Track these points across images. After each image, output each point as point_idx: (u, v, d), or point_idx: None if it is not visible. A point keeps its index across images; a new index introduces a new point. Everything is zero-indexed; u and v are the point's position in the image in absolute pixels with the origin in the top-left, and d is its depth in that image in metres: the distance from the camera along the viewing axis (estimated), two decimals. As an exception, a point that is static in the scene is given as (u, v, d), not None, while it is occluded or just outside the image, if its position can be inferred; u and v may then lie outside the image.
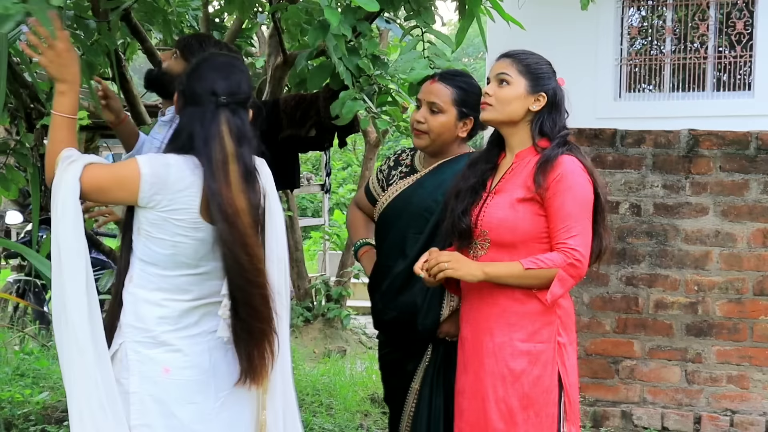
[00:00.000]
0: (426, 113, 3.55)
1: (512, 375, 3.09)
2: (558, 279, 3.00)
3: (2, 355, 6.99)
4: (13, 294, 8.79)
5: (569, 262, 3.01)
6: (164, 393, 2.77)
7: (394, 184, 3.70)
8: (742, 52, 7.93)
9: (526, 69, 3.20)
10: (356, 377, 7.32)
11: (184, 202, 2.72)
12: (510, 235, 3.11)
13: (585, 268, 3.05)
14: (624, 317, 5.53)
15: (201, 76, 2.82)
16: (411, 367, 3.61)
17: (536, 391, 3.07)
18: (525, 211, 3.10)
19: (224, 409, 2.82)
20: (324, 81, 4.14)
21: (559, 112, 3.20)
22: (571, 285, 3.05)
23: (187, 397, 2.78)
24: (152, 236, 2.76)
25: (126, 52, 5.51)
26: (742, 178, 5.41)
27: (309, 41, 3.74)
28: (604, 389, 5.53)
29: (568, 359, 3.12)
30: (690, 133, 5.49)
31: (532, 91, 3.17)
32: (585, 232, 3.06)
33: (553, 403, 3.07)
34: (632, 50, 8.34)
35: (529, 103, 3.17)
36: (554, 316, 3.09)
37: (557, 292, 3.01)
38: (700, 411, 5.43)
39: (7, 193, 4.77)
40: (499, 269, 3.09)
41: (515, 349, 3.09)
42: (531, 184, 3.09)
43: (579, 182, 3.07)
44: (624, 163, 5.54)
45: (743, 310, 5.39)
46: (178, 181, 2.71)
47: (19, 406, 5.60)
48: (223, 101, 2.78)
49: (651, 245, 5.49)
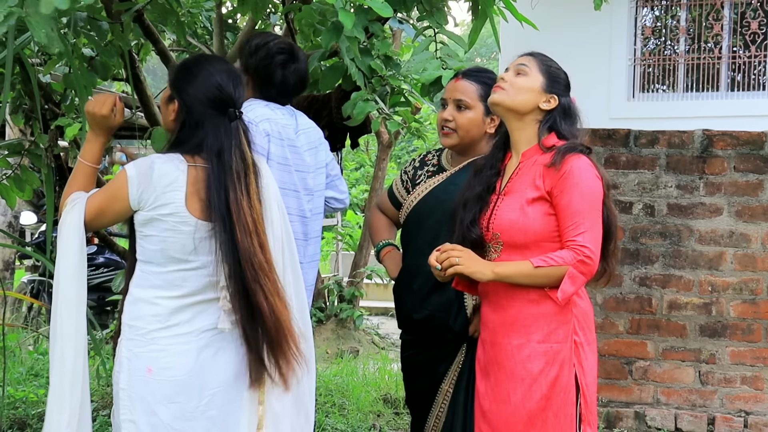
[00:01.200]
0: (453, 111, 3.56)
1: (530, 377, 3.08)
2: (569, 276, 2.99)
3: (16, 355, 7.02)
4: (27, 294, 8.83)
5: (579, 259, 2.99)
6: (147, 392, 2.85)
7: (422, 183, 3.69)
8: (757, 51, 7.90)
9: (546, 69, 3.22)
10: (369, 378, 7.32)
11: (169, 197, 2.82)
12: (522, 237, 3.10)
13: (596, 265, 3.03)
14: (637, 318, 5.52)
15: (205, 83, 2.92)
16: (443, 368, 3.58)
17: (554, 391, 3.06)
18: (535, 211, 3.09)
19: (213, 407, 2.87)
20: (336, 82, 4.14)
21: (571, 119, 3.20)
22: (582, 282, 3.03)
23: (168, 396, 2.85)
24: (144, 235, 2.86)
25: (140, 53, 5.53)
26: (756, 179, 5.39)
27: (322, 43, 3.74)
28: (617, 390, 5.51)
29: (585, 359, 3.10)
30: (704, 133, 5.48)
31: (547, 89, 3.18)
32: (594, 228, 3.04)
33: (571, 403, 3.06)
34: (646, 50, 8.32)
35: (541, 100, 3.18)
36: (570, 315, 3.08)
37: (568, 289, 3.00)
38: (713, 412, 5.41)
39: (22, 194, 4.80)
40: (508, 269, 3.08)
41: (533, 351, 3.08)
42: (540, 182, 3.09)
43: (586, 178, 3.05)
44: (638, 163, 5.53)
45: (757, 310, 5.37)
46: (161, 177, 2.81)
47: (33, 406, 5.63)
48: (237, 114, 2.91)
49: (665, 246, 5.48)
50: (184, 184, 2.82)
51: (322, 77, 4.20)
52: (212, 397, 2.87)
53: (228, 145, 2.83)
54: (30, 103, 4.98)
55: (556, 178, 3.06)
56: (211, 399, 2.87)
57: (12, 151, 4.79)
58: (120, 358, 2.90)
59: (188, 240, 2.81)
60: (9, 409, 5.58)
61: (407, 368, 3.80)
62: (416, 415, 3.74)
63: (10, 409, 5.58)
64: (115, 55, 4.37)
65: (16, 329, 7.78)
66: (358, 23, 3.54)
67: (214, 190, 2.79)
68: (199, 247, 2.82)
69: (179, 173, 2.82)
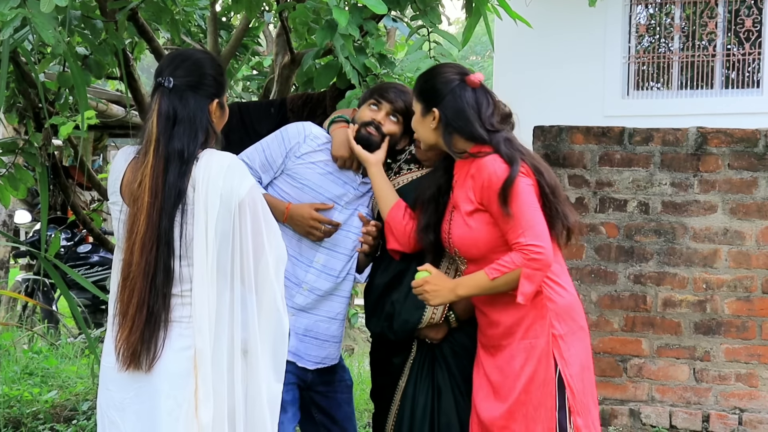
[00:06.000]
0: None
1: (513, 373, 3.16)
2: (524, 277, 3.05)
3: (11, 353, 7.02)
4: (22, 293, 8.82)
5: (528, 258, 3.04)
6: (100, 376, 2.90)
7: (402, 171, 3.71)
8: (751, 49, 7.91)
9: (417, 93, 3.32)
10: (364, 375, 7.32)
11: (114, 185, 2.84)
12: (475, 250, 3.21)
13: (547, 256, 3.06)
14: (632, 315, 5.52)
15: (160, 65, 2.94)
16: (398, 360, 3.61)
17: (533, 385, 3.13)
18: (477, 222, 3.17)
19: (138, 401, 2.79)
20: (331, 80, 4.15)
21: (461, 119, 3.21)
22: (539, 277, 3.08)
23: (105, 383, 2.86)
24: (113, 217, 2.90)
25: (134, 52, 5.52)
26: (750, 176, 5.40)
27: (317, 41, 3.75)
28: (612, 387, 5.52)
29: (567, 350, 3.14)
30: (698, 130, 5.48)
31: (424, 112, 3.27)
32: (533, 223, 3.07)
33: (550, 396, 3.10)
34: (640, 48, 8.34)
35: (429, 123, 3.25)
36: (545, 310, 3.14)
37: (527, 289, 3.06)
38: (708, 409, 5.42)
39: (16, 193, 4.80)
40: (469, 285, 3.18)
41: (515, 348, 3.16)
42: (471, 195, 3.18)
43: (501, 177, 3.08)
44: (632, 161, 5.53)
45: (752, 308, 5.37)
46: (114, 166, 2.86)
47: (27, 405, 5.62)
48: (159, 81, 2.83)
49: (659, 243, 5.48)
50: (123, 170, 2.88)
51: (316, 75, 4.21)
52: (139, 391, 2.77)
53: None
54: (24, 102, 4.98)
55: (478, 189, 3.14)
56: (137, 393, 2.77)
57: (6, 150, 4.79)
58: None
59: (123, 227, 2.81)
60: (4, 408, 5.57)
61: (371, 363, 3.88)
62: (379, 408, 3.78)
63: (4, 408, 5.58)
64: (109, 54, 4.37)
65: (10, 328, 7.77)
66: (353, 21, 3.55)
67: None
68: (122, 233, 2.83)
69: (123, 163, 2.88)
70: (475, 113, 3.19)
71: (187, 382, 2.74)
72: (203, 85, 2.87)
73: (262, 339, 2.84)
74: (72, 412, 5.54)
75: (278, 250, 2.90)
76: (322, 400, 3.76)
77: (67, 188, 5.67)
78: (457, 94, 3.21)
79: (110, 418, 2.83)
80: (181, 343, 2.76)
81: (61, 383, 6.21)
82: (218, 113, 2.93)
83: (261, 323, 2.84)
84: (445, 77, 3.26)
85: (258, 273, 2.83)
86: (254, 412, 2.83)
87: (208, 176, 2.77)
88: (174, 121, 2.79)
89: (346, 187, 3.62)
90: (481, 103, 3.21)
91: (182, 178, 2.75)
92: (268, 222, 2.87)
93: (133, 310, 2.73)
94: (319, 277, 3.60)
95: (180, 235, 2.75)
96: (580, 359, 3.19)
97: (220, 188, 2.76)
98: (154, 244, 2.72)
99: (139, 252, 2.72)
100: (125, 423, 2.79)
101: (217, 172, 2.78)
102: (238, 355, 2.81)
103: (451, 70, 3.30)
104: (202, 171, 2.77)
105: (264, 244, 2.84)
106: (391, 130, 3.56)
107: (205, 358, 2.74)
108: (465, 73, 3.27)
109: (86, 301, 8.67)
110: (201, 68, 2.89)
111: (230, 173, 2.80)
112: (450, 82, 3.23)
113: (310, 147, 3.61)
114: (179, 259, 2.76)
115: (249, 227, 2.81)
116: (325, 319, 3.65)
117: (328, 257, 3.61)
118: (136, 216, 2.74)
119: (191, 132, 2.79)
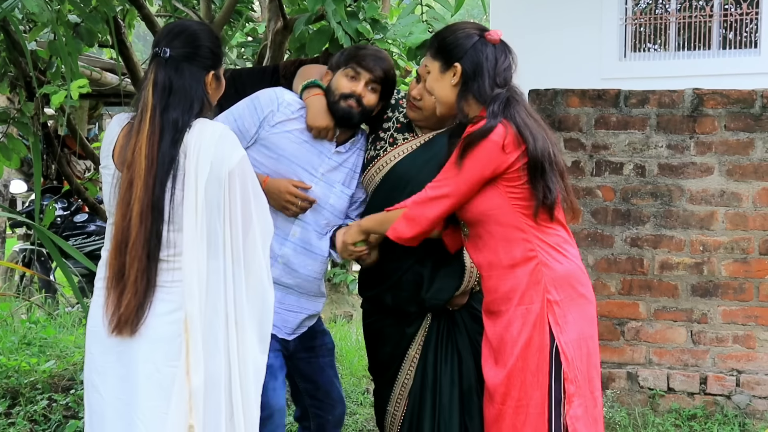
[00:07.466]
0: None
1: (512, 339, 3.15)
2: (402, 216, 3.22)
3: (9, 324, 7.02)
4: (19, 263, 8.82)
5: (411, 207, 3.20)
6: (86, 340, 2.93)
7: (397, 144, 3.64)
8: (749, 9, 7.86)
9: (437, 48, 3.28)
10: (362, 342, 7.32)
11: (107, 150, 2.86)
12: (468, 213, 3.22)
13: (417, 219, 3.19)
14: (629, 279, 5.52)
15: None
16: (408, 335, 3.58)
17: (529, 351, 3.13)
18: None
19: (119, 365, 2.80)
20: (323, 45, 4.12)
21: (481, 77, 3.18)
22: (416, 227, 3.20)
23: (88, 346, 2.88)
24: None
25: (125, 19, 5.48)
26: (747, 137, 5.37)
27: (309, 6, 3.72)
28: (609, 351, 5.52)
29: (563, 316, 3.12)
30: (694, 92, 5.45)
31: (443, 68, 3.23)
32: (439, 190, 3.15)
33: (544, 362, 3.10)
34: (637, 9, 8.27)
35: (449, 80, 3.21)
36: (540, 275, 3.13)
37: (401, 229, 3.22)
38: (706, 371, 5.43)
39: (9, 163, 4.78)
40: (370, 218, 3.40)
41: (512, 315, 3.16)
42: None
43: (482, 146, 3.08)
44: (628, 123, 5.50)
45: (749, 269, 5.37)
46: (108, 132, 2.88)
47: (25, 375, 5.62)
48: (155, 52, 2.85)
49: (656, 206, 5.47)
50: (116, 136, 2.89)
51: (309, 41, 4.18)
52: (120, 354, 2.79)
53: None
54: (15, 71, 4.94)
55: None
56: (119, 356, 2.79)
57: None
58: None
59: (114, 192, 2.82)
60: (2, 378, 5.57)
61: (371, 336, 3.78)
62: (380, 383, 3.74)
63: (2, 378, 5.58)
64: (100, 22, 4.34)
65: (8, 298, 7.77)
66: (344, -15, 3.51)
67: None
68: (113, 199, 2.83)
69: (117, 129, 2.90)
70: (492, 70, 3.18)
71: (170, 348, 2.75)
72: (199, 56, 2.88)
73: (249, 311, 2.85)
74: (70, 381, 5.53)
75: (265, 223, 2.90)
76: (305, 367, 3.75)
77: (61, 158, 5.64)
78: (479, 48, 3.19)
79: (92, 382, 2.85)
80: (162, 308, 2.77)
81: (59, 353, 6.20)
82: (214, 85, 2.94)
83: (249, 296, 2.84)
84: (466, 32, 3.24)
85: (246, 246, 2.84)
86: (242, 383, 2.84)
87: (200, 144, 2.78)
88: (170, 91, 2.81)
89: (321, 157, 3.56)
90: (499, 59, 3.20)
91: (174, 145, 2.77)
92: (257, 194, 2.87)
93: (134, 276, 2.73)
94: (295, 251, 3.57)
95: (170, 200, 2.76)
96: (579, 326, 3.16)
97: (211, 156, 2.77)
98: (150, 212, 2.74)
99: (137, 219, 2.73)
100: (105, 386, 2.82)
101: (209, 140, 2.79)
102: (232, 326, 2.81)
103: (471, 26, 3.30)
104: (195, 138, 2.79)
105: (252, 216, 2.84)
106: (371, 101, 3.51)
107: (196, 323, 2.73)
108: (484, 29, 3.26)
109: (83, 270, 8.65)
110: (198, 40, 2.90)
111: (222, 142, 2.81)
112: (471, 36, 3.22)
113: (285, 115, 3.53)
114: (167, 223, 2.77)
115: (238, 198, 2.81)
116: (296, 293, 3.61)
117: (304, 231, 3.57)
118: (131, 183, 2.74)
119: (186, 102, 2.82)
